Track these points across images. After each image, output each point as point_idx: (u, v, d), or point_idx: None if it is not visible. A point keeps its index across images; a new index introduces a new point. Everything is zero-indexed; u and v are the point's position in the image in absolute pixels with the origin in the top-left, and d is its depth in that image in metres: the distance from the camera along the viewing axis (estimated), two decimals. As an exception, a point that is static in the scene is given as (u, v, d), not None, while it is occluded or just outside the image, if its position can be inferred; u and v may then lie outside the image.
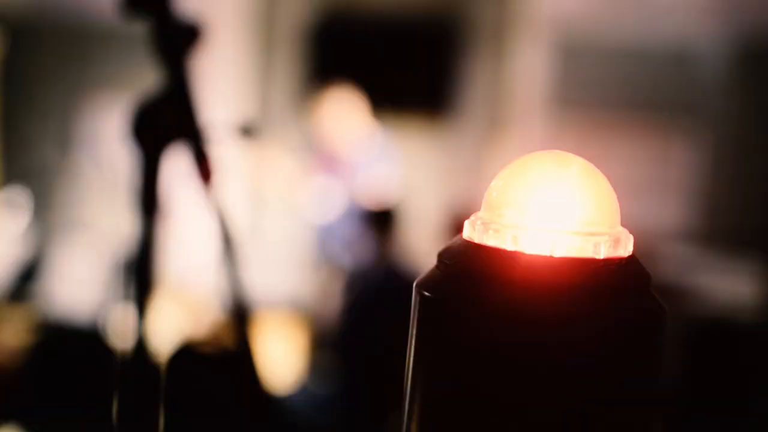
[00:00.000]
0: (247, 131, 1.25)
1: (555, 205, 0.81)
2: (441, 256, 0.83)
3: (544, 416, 0.76)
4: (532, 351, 0.76)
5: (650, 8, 6.41)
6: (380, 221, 4.24)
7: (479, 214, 0.84)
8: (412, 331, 0.82)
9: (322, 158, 5.87)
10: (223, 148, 1.28)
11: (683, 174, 6.26)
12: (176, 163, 1.24)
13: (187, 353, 3.78)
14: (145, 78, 1.37)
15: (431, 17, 7.13)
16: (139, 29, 1.25)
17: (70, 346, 4.24)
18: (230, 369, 3.74)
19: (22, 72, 7.41)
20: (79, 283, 4.32)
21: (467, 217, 0.84)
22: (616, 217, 0.83)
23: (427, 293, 0.81)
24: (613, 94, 6.29)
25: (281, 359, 5.02)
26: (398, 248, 4.21)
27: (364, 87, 6.59)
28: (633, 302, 0.79)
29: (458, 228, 0.85)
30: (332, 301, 4.91)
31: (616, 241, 0.80)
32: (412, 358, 0.82)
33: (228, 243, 1.28)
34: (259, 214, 6.11)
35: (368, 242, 4.28)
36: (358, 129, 5.80)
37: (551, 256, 0.78)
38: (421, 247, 5.92)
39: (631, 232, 0.82)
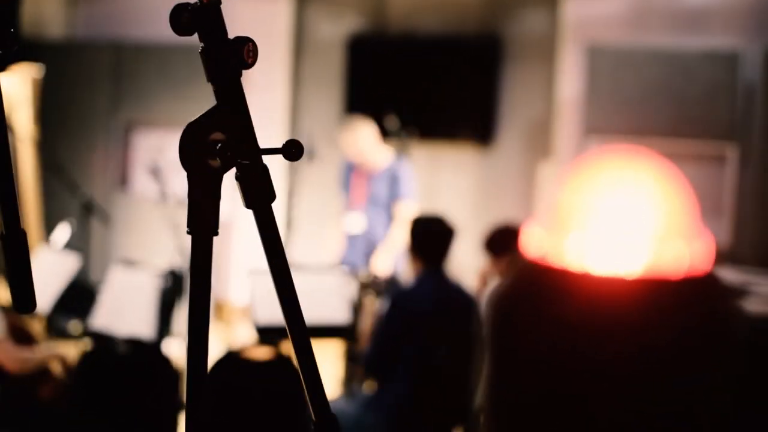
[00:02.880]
0: (309, 154, 1.25)
1: (623, 216, 0.78)
2: (505, 274, 0.82)
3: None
4: (601, 368, 0.75)
5: (700, 31, 6.37)
6: (423, 241, 4.21)
7: (544, 227, 0.82)
8: (480, 347, 0.81)
9: (358, 179, 5.97)
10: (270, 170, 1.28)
11: (731, 197, 6.19)
12: (229, 185, 1.24)
13: (238, 366, 3.81)
14: (198, 103, 1.37)
15: (473, 41, 7.14)
16: (192, 52, 1.26)
17: (122, 370, 4.27)
18: (278, 380, 3.75)
19: (68, 99, 7.48)
20: (133, 308, 4.34)
21: (514, 237, 0.82)
22: (691, 225, 0.80)
23: (493, 311, 0.80)
24: (659, 118, 6.24)
25: (324, 375, 5.01)
26: (443, 267, 4.18)
27: (405, 110, 6.63)
28: (707, 319, 0.77)
29: (505, 247, 0.84)
30: (373, 318, 4.92)
31: (688, 255, 0.78)
32: (481, 374, 0.81)
33: (278, 262, 1.27)
34: (294, 234, 6.10)
35: (412, 262, 4.26)
36: (385, 153, 5.93)
37: (618, 278, 0.76)
38: (464, 266, 5.90)
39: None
